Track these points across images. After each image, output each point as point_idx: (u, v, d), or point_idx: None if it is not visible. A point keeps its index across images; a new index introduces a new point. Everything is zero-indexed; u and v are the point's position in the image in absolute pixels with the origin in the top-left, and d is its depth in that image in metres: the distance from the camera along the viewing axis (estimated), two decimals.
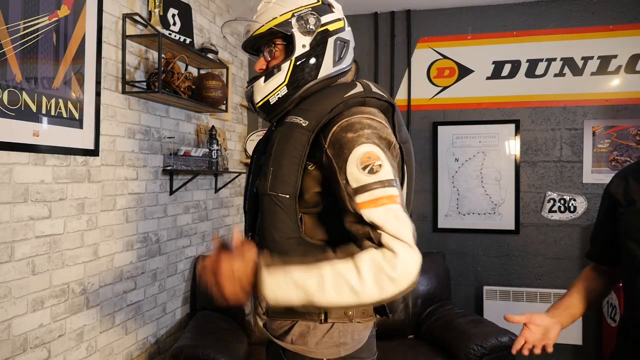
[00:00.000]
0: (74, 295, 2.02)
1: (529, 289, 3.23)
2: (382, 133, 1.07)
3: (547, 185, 3.30)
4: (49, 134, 1.84)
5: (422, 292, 3.09)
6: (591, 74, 3.24)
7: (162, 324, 2.67)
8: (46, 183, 1.85)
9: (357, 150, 1.02)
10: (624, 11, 3.20)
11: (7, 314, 1.70)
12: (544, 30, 3.32)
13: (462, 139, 3.42)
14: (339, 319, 1.14)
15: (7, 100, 1.65)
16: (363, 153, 1.01)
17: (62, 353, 1.96)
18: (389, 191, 0.99)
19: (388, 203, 0.98)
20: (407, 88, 3.51)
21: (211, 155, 2.78)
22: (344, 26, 1.23)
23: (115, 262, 2.26)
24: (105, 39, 2.15)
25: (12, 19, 1.66)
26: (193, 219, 2.93)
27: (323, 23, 1.19)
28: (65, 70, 1.91)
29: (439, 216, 3.44)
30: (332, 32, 1.20)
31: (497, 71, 3.39)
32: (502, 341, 2.58)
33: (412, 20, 3.51)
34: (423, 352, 2.73)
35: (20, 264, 1.75)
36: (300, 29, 1.17)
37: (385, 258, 0.94)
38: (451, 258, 3.41)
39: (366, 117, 1.08)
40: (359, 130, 1.04)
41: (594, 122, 3.21)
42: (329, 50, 1.19)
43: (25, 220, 1.77)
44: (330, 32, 1.20)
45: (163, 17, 2.47)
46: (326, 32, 1.19)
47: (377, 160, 1.01)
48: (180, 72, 2.51)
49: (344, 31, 1.23)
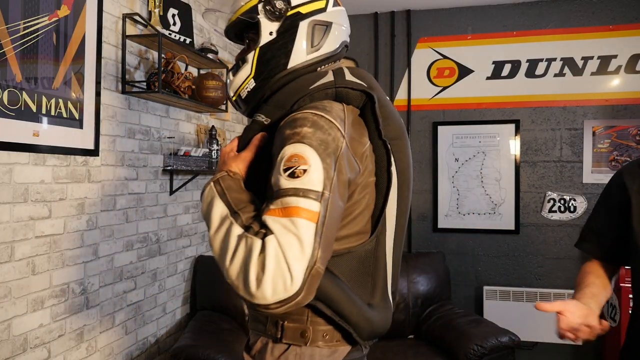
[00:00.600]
0: (74, 295, 2.02)
1: (529, 289, 3.23)
2: (328, 135, 0.89)
3: (547, 185, 3.30)
4: (49, 134, 1.84)
5: (422, 292, 3.09)
6: (591, 74, 3.24)
7: (162, 324, 2.67)
8: (46, 183, 1.85)
9: (286, 150, 0.87)
10: (624, 11, 3.20)
11: (7, 314, 1.70)
12: (544, 30, 3.32)
13: (462, 139, 3.42)
14: (294, 340, 0.99)
15: (7, 100, 1.65)
16: (291, 153, 0.86)
17: (62, 353, 1.96)
18: (303, 203, 0.82)
19: (296, 216, 0.82)
20: (407, 88, 3.51)
21: (211, 155, 2.78)
22: (325, 6, 1.06)
23: (115, 262, 2.26)
24: (105, 39, 2.15)
25: (12, 19, 1.66)
26: (193, 219, 2.93)
27: (294, 5, 1.04)
28: (65, 70, 1.91)
29: (439, 216, 3.44)
30: (306, 15, 1.04)
31: (497, 71, 3.39)
32: (502, 341, 2.58)
33: (412, 20, 3.51)
34: (423, 352, 2.73)
35: (20, 264, 1.75)
36: (266, 14, 1.04)
37: (255, 266, 0.80)
38: (451, 258, 3.41)
39: (315, 113, 0.92)
40: (298, 127, 0.89)
41: (594, 122, 3.21)
42: (300, 35, 1.04)
43: (25, 220, 1.77)
44: (302, 14, 1.04)
45: (163, 17, 2.47)
46: (297, 15, 1.04)
47: (303, 164, 0.85)
48: (180, 72, 2.51)
49: (325, 12, 1.06)
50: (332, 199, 0.86)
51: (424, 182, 3.48)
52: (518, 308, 3.21)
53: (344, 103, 0.99)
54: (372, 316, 1.00)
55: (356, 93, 0.99)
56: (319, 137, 0.88)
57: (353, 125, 0.97)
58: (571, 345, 3.18)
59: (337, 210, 0.88)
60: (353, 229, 0.99)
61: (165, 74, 2.41)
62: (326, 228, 0.84)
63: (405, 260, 3.17)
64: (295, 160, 0.85)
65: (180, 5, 2.62)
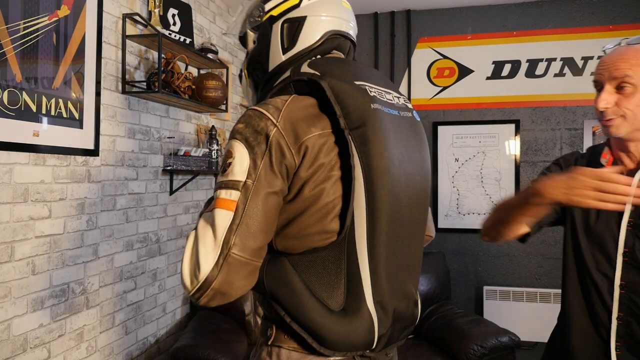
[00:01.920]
0: (74, 295, 2.02)
1: (529, 289, 3.23)
2: (258, 126, 0.90)
3: None
4: (49, 134, 1.84)
5: (422, 292, 3.08)
6: (591, 74, 3.24)
7: (162, 324, 2.67)
8: (46, 183, 1.85)
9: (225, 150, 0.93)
10: (624, 11, 3.20)
11: (7, 314, 1.70)
12: (544, 30, 3.32)
13: (462, 139, 3.42)
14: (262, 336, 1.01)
15: (7, 100, 1.65)
16: (226, 152, 0.91)
17: (62, 353, 1.96)
18: (224, 194, 0.87)
19: (216, 207, 0.86)
20: (407, 88, 3.51)
21: (211, 155, 2.78)
22: (299, 2, 1.03)
23: (115, 262, 2.26)
24: (105, 39, 2.15)
25: (12, 19, 1.66)
26: (193, 219, 2.93)
27: (267, 10, 1.04)
28: (65, 70, 1.91)
29: (439, 216, 3.44)
30: (278, 16, 1.03)
31: (497, 71, 3.39)
32: (502, 341, 2.58)
33: (412, 20, 3.51)
34: (423, 352, 2.73)
35: (20, 264, 1.75)
36: (250, 25, 1.07)
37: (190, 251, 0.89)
38: (451, 258, 3.41)
39: (253, 108, 0.93)
40: (235, 125, 0.93)
41: (594, 122, 3.21)
42: (274, 37, 1.03)
43: (25, 220, 1.77)
44: (275, 17, 1.03)
45: (163, 17, 2.47)
46: (270, 19, 1.04)
47: (230, 158, 0.89)
48: (180, 72, 2.51)
49: (299, 7, 1.03)
50: (257, 187, 0.87)
51: None
52: (518, 308, 3.21)
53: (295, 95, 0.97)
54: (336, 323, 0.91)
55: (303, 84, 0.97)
56: (249, 130, 0.90)
57: (302, 115, 0.92)
58: None
59: (266, 199, 0.88)
60: (314, 227, 0.92)
61: (165, 74, 2.41)
62: (247, 216, 0.86)
63: None
64: (227, 156, 0.90)
65: (180, 5, 2.62)
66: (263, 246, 0.89)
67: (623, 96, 1.15)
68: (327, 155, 0.92)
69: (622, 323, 1.18)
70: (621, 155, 1.23)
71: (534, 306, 3.18)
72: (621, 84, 1.15)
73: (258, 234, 0.87)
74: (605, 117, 1.19)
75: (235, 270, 0.85)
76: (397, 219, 0.96)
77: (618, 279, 1.18)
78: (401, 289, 1.00)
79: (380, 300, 0.94)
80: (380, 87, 1.01)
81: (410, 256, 1.03)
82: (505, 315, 3.18)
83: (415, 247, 1.06)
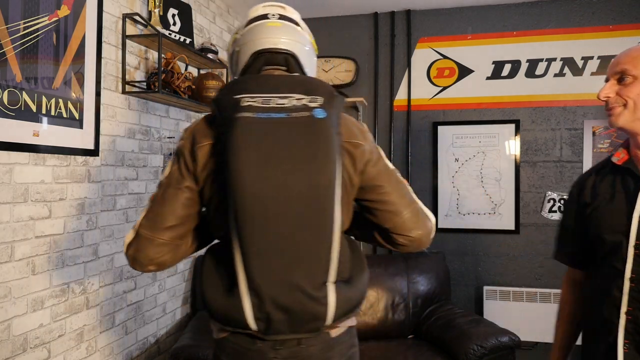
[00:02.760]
0: (74, 295, 2.02)
1: (529, 289, 3.23)
2: (181, 140, 1.19)
3: (547, 185, 3.30)
4: (49, 134, 1.84)
5: (422, 292, 3.09)
6: (591, 74, 3.24)
7: (162, 324, 2.67)
8: (46, 183, 1.85)
9: None
10: (624, 11, 3.20)
11: (7, 314, 1.70)
12: (544, 30, 3.32)
13: (462, 139, 3.42)
14: None
15: (7, 100, 1.65)
16: None
17: (62, 353, 1.96)
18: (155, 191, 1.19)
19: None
20: (407, 88, 3.51)
21: None
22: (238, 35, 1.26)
23: (115, 262, 2.26)
24: (105, 39, 2.15)
25: (12, 19, 1.66)
26: None
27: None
28: (65, 70, 1.91)
29: (439, 216, 3.44)
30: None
31: (497, 71, 3.39)
32: (502, 341, 2.58)
33: (412, 20, 3.51)
34: (423, 352, 2.73)
35: (20, 264, 1.75)
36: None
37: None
38: (451, 258, 3.41)
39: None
40: None
41: (594, 122, 3.21)
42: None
43: (25, 220, 1.77)
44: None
45: (163, 17, 2.47)
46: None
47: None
48: (180, 72, 2.51)
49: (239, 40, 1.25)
50: (167, 182, 1.16)
51: (424, 182, 3.48)
52: (518, 308, 3.21)
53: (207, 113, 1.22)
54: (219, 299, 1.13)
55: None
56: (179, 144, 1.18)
57: (200, 128, 1.16)
58: None
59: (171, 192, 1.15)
60: (213, 221, 1.18)
61: (165, 74, 2.41)
62: (155, 203, 1.16)
63: (406, 260, 3.17)
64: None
65: (180, 5, 2.62)
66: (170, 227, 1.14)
67: (623, 86, 1.23)
68: (215, 161, 1.12)
69: (630, 319, 1.19)
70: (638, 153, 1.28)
71: (534, 306, 3.18)
72: (622, 76, 1.24)
73: (163, 217, 1.14)
74: (608, 106, 1.27)
75: (142, 244, 1.15)
76: (266, 215, 1.05)
77: (629, 271, 1.19)
78: (286, 281, 1.08)
79: (255, 288, 1.07)
80: (270, 95, 1.10)
81: (298, 251, 1.08)
82: (505, 315, 3.18)
83: (309, 243, 1.08)
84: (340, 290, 1.12)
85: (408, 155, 3.49)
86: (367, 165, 1.16)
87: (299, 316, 1.10)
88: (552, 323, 1.44)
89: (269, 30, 1.21)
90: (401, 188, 1.20)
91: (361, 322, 3.00)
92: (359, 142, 1.16)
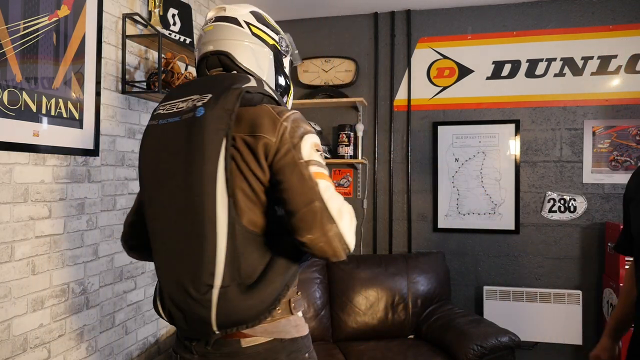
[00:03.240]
0: (74, 295, 2.02)
1: (529, 289, 3.23)
2: None
3: (547, 185, 3.30)
4: (49, 134, 1.84)
5: (422, 292, 3.09)
6: (591, 74, 3.24)
7: (162, 324, 2.67)
8: (46, 183, 1.85)
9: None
10: (624, 11, 3.20)
11: (7, 314, 1.70)
12: (544, 30, 3.32)
13: (462, 139, 3.42)
14: None
15: (7, 100, 1.65)
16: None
17: (62, 353, 1.96)
18: None
19: None
20: (407, 88, 3.51)
21: None
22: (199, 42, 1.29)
23: (115, 262, 2.26)
24: (105, 39, 2.15)
25: (12, 19, 1.66)
26: None
27: None
28: (65, 70, 1.91)
29: (439, 216, 3.44)
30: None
31: (497, 71, 3.39)
32: (502, 341, 2.58)
33: (412, 20, 3.51)
34: (423, 352, 2.73)
35: (20, 264, 1.75)
36: None
37: None
38: (451, 258, 3.41)
39: None
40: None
41: (594, 122, 3.21)
42: None
43: (25, 220, 1.77)
44: None
45: (163, 17, 2.47)
46: None
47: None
48: (180, 72, 2.51)
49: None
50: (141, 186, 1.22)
51: (424, 182, 3.48)
52: (518, 308, 3.21)
53: None
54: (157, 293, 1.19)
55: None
56: None
57: None
58: (571, 345, 3.18)
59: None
60: None
61: (165, 74, 2.41)
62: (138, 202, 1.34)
63: (406, 260, 3.17)
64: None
65: (180, 5, 2.62)
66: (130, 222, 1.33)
67: None
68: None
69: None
70: None
71: (534, 306, 3.18)
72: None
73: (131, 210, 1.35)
74: None
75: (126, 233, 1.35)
76: (156, 215, 1.12)
77: None
78: (177, 281, 1.08)
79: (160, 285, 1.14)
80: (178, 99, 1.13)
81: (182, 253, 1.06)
82: (505, 315, 3.18)
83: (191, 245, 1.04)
84: (227, 296, 1.03)
85: (408, 155, 3.50)
86: (274, 158, 1.06)
87: (190, 317, 1.07)
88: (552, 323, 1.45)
89: (205, 36, 1.26)
90: (304, 184, 1.03)
91: (361, 322, 3.01)
92: (262, 135, 1.06)
